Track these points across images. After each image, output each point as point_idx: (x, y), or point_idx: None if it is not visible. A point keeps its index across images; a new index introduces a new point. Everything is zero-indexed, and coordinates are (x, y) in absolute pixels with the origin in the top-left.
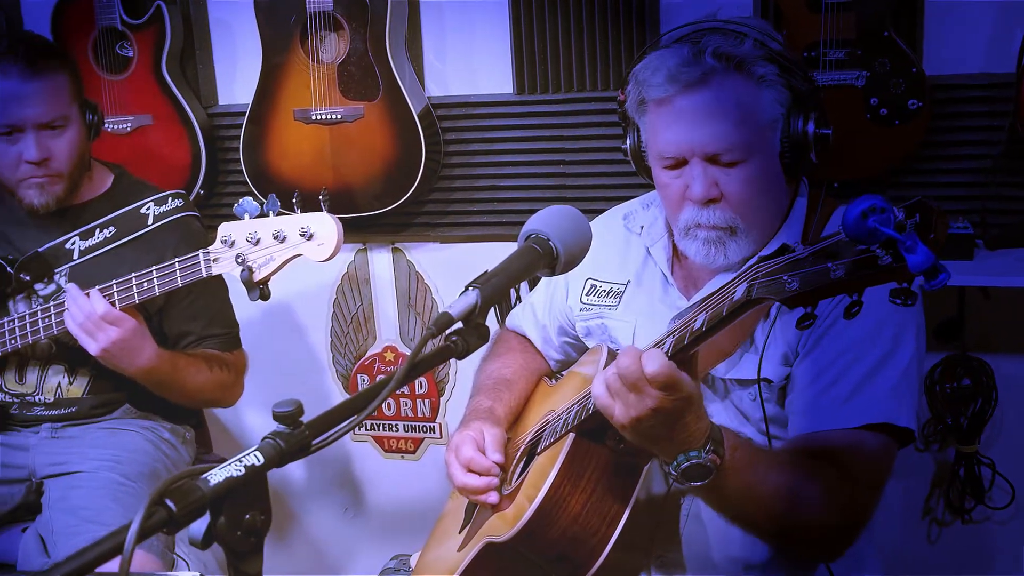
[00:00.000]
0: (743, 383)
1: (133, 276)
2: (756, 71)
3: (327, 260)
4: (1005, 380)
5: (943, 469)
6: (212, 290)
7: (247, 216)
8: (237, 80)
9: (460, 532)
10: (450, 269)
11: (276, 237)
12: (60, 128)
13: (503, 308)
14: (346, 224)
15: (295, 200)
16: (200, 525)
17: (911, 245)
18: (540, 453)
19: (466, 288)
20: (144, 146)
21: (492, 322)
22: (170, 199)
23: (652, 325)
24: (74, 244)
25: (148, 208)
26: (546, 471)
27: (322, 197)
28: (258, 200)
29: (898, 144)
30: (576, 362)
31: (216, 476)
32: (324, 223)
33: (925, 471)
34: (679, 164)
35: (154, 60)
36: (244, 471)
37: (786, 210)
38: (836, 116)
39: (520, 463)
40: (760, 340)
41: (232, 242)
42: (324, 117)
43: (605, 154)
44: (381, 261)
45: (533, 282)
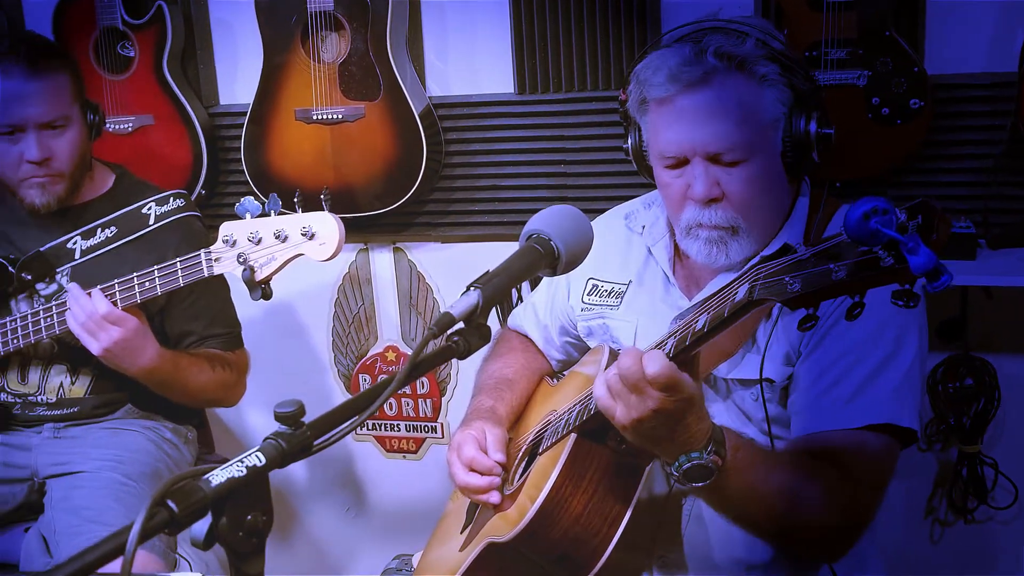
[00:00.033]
0: (745, 383)
1: (135, 276)
2: (758, 70)
3: (329, 260)
4: (1008, 380)
5: (946, 469)
6: (214, 290)
7: (249, 216)
8: (238, 80)
9: (462, 532)
10: (451, 269)
11: (278, 237)
12: (61, 128)
13: (504, 308)
14: (347, 224)
15: (296, 200)
16: (202, 526)
17: (913, 247)
18: (542, 453)
19: (467, 288)
20: (145, 146)
21: (493, 322)
22: (172, 199)
23: (654, 325)
24: (76, 244)
25: (150, 208)
26: (548, 471)
27: (323, 197)
28: (259, 200)
29: (900, 143)
30: (578, 362)
31: (218, 477)
32: (326, 223)
33: (928, 471)
34: (681, 163)
35: (155, 60)
36: (246, 472)
37: (788, 210)
38: (838, 116)
39: (522, 463)
40: (762, 340)
41: (234, 242)
42: (325, 117)
43: (606, 154)
44: (382, 261)
45: (534, 282)
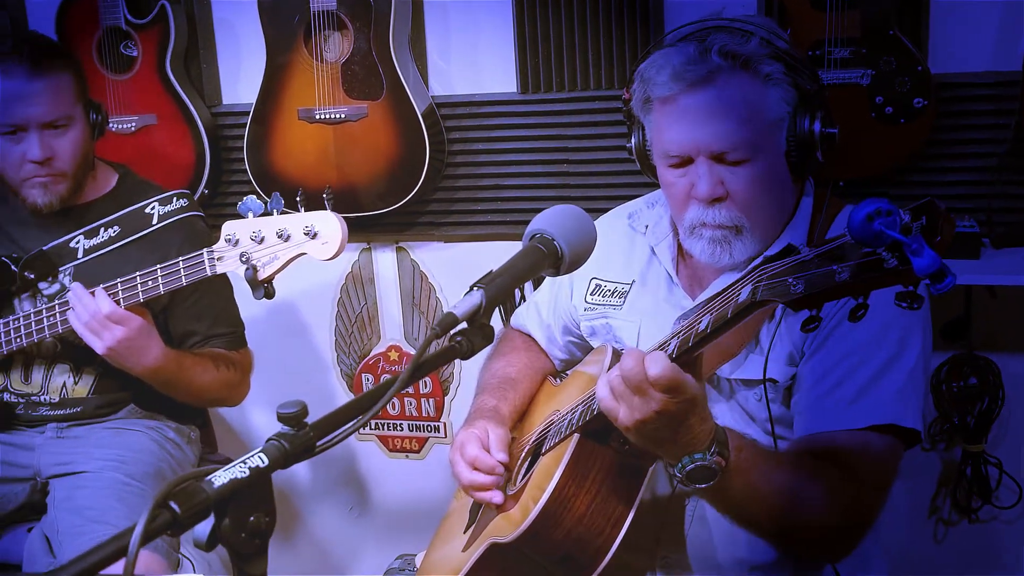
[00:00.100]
0: (749, 383)
1: (138, 275)
2: (762, 69)
3: (331, 259)
4: (1012, 379)
5: (949, 468)
6: (216, 289)
7: (251, 215)
8: (241, 80)
9: (465, 532)
10: (454, 268)
11: (280, 236)
12: (64, 128)
13: (507, 307)
14: (350, 223)
15: (299, 199)
16: (204, 527)
17: (917, 248)
18: (545, 453)
19: (471, 288)
20: (148, 146)
21: (496, 321)
22: (175, 199)
23: (657, 325)
24: (78, 243)
25: (153, 208)
26: (551, 472)
27: (326, 196)
28: (262, 199)
29: (903, 143)
30: (581, 361)
31: (220, 478)
32: (328, 222)
33: (931, 470)
34: (684, 163)
35: (158, 60)
36: (248, 473)
37: (792, 209)
38: (841, 115)
39: (525, 463)
40: (765, 340)
41: (236, 241)
42: (328, 116)
43: (609, 153)
44: (385, 260)
45: (537, 281)
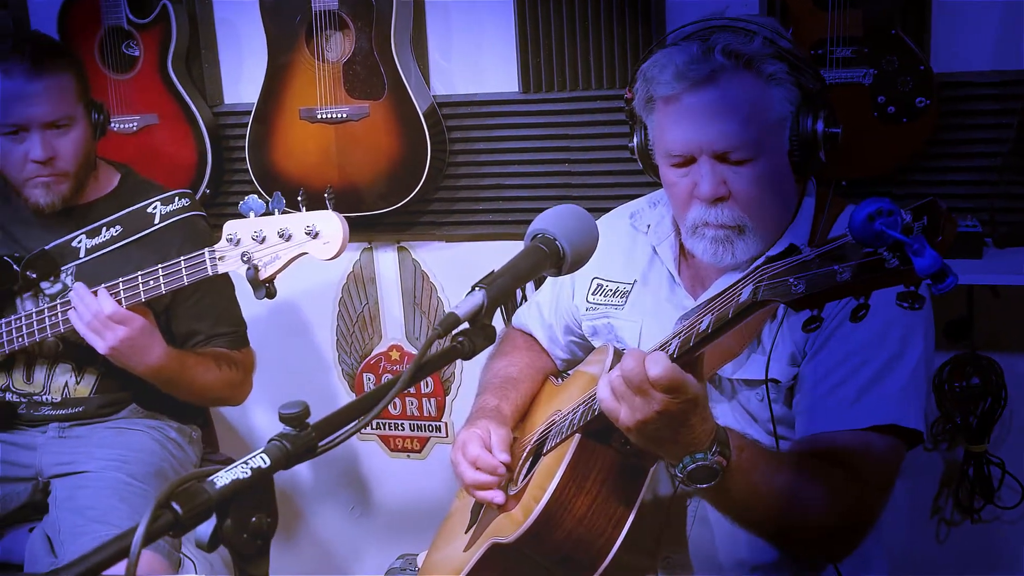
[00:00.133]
0: (750, 384)
1: (139, 275)
2: (765, 69)
3: (332, 259)
4: (1015, 379)
5: (952, 468)
6: (218, 289)
7: (252, 214)
8: (243, 79)
9: (466, 532)
10: (455, 268)
11: (282, 235)
12: (66, 127)
13: (508, 307)
14: (351, 223)
15: (300, 198)
16: (206, 528)
17: (918, 248)
18: (546, 453)
19: (472, 288)
20: (150, 145)
21: (498, 321)
22: (177, 198)
23: (659, 325)
24: (80, 242)
25: (155, 207)
26: (552, 472)
27: (327, 195)
28: (263, 198)
29: (906, 142)
30: (582, 361)
31: (222, 478)
32: (330, 221)
33: (934, 470)
34: (687, 162)
35: (160, 59)
36: (250, 473)
37: (794, 209)
38: (843, 114)
39: (526, 463)
40: (767, 340)
41: (238, 240)
42: (329, 116)
43: (611, 152)
44: (386, 260)
45: (539, 281)
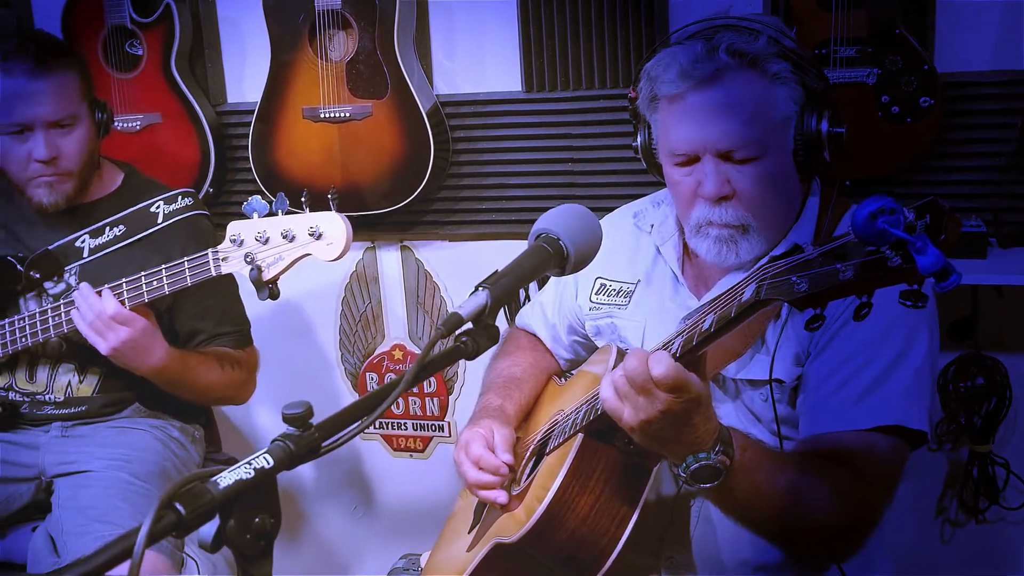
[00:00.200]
0: (754, 384)
1: (142, 275)
2: (770, 68)
3: (336, 260)
4: (1019, 379)
5: (956, 469)
6: (222, 288)
7: (256, 215)
8: (246, 78)
9: (469, 532)
10: (458, 267)
11: (285, 236)
12: (69, 127)
13: (512, 306)
14: (354, 222)
15: (304, 199)
16: (209, 528)
17: (921, 246)
18: (549, 453)
19: (476, 288)
20: (153, 144)
21: (501, 320)
22: (180, 198)
23: (662, 325)
24: (84, 242)
25: (158, 207)
26: (555, 472)
27: (331, 196)
28: (267, 199)
29: (910, 142)
30: (586, 361)
31: (226, 479)
32: (333, 223)
33: (938, 471)
34: (691, 161)
35: (163, 58)
36: (254, 474)
37: (798, 209)
38: (847, 114)
39: (529, 463)
40: (771, 341)
41: (241, 241)
42: (333, 115)
43: (614, 152)
44: (389, 259)
45: (542, 280)
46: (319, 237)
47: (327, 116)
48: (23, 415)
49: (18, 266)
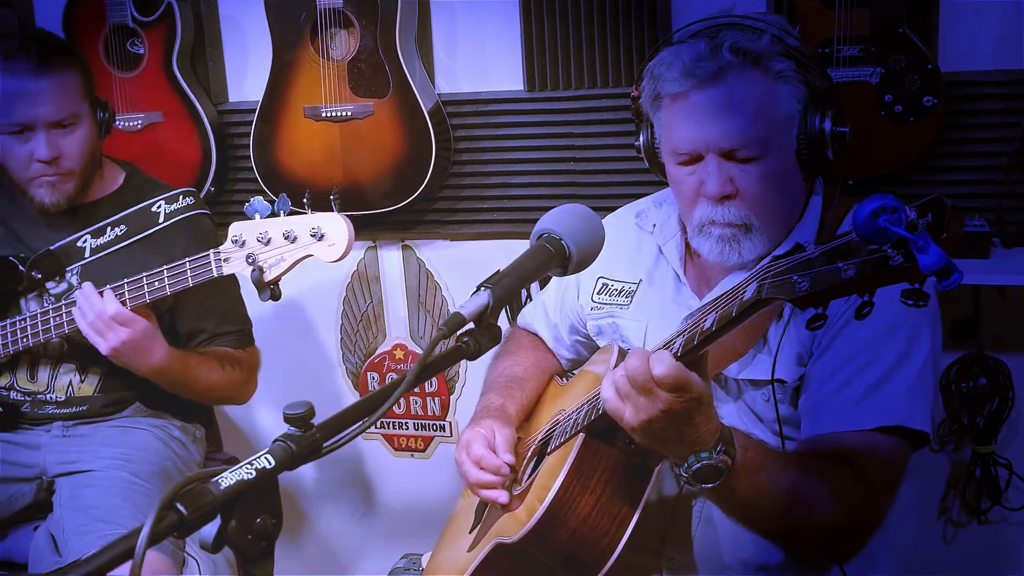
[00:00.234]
0: (756, 384)
1: (144, 275)
2: (773, 67)
3: (338, 261)
4: (1022, 379)
5: (959, 469)
6: (224, 288)
7: (258, 216)
8: (247, 77)
9: (470, 532)
10: (460, 266)
11: (287, 237)
12: (71, 126)
13: (513, 306)
14: (356, 221)
15: (306, 200)
16: (211, 529)
17: (923, 245)
18: (550, 453)
19: (478, 288)
20: (155, 143)
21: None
22: (181, 197)
23: (664, 324)
24: (85, 242)
25: (159, 206)
26: (556, 471)
27: (333, 197)
28: (268, 199)
29: (913, 141)
30: (587, 361)
31: (227, 479)
32: (336, 223)
33: (940, 471)
34: (694, 160)
35: (165, 57)
36: (255, 474)
37: (801, 208)
38: (850, 113)
39: (531, 463)
40: (774, 340)
41: (243, 242)
42: (334, 114)
43: (617, 151)
44: (391, 258)
45: (544, 280)
46: (321, 238)
47: (329, 115)
48: (24, 415)
49: (20, 266)
